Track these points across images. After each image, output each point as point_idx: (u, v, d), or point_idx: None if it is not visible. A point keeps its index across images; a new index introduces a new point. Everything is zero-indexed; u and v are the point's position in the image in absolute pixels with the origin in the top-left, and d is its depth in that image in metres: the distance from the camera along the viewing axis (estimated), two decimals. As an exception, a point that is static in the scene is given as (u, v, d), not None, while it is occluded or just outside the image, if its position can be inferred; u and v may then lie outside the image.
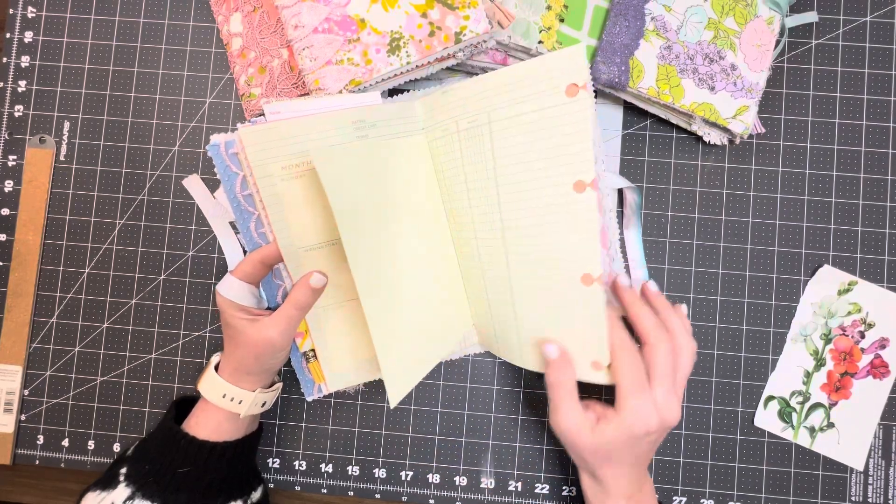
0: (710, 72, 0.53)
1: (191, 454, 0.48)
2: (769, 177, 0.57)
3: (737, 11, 0.53)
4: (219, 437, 0.49)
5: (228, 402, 0.49)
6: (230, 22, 0.56)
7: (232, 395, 0.49)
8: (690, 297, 0.56)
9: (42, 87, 0.59)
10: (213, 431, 0.49)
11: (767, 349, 0.56)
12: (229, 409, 0.49)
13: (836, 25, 0.58)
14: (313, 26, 0.49)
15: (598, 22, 0.53)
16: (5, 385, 0.58)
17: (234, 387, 0.49)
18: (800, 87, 0.57)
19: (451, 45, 0.49)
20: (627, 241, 0.55)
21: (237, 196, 0.49)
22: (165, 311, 0.58)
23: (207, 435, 0.49)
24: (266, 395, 0.51)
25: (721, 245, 0.57)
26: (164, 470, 0.47)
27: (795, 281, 0.56)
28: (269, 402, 0.52)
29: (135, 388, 0.58)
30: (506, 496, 0.56)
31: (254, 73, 0.55)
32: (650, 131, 0.57)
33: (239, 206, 0.49)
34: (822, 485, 0.55)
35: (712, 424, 0.56)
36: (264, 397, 0.50)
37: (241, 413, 0.49)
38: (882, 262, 0.56)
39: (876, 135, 0.57)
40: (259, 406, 0.50)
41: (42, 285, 0.58)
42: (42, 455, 0.58)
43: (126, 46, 0.59)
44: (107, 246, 0.58)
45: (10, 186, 0.59)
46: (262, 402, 0.51)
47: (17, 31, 0.60)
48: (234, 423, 0.50)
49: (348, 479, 0.57)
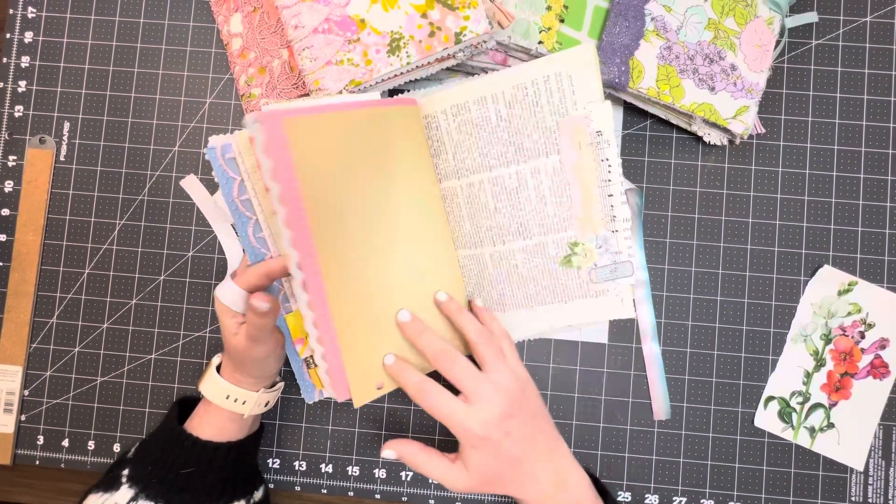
0: (710, 72, 0.53)
1: (194, 455, 0.48)
2: (769, 177, 0.57)
3: (737, 12, 0.53)
4: (222, 438, 0.49)
5: (232, 403, 0.49)
6: (230, 22, 0.56)
7: (235, 395, 0.49)
8: (690, 297, 0.56)
9: (42, 87, 0.59)
10: (217, 432, 0.49)
11: (767, 349, 0.56)
12: (232, 409, 0.49)
13: (836, 26, 0.58)
14: (313, 27, 0.49)
15: (598, 22, 0.53)
16: (5, 385, 0.58)
17: (236, 387, 0.49)
18: (800, 88, 0.57)
19: (451, 46, 0.49)
20: None
21: (234, 200, 0.49)
22: (165, 311, 0.58)
23: (211, 435, 0.48)
24: (269, 394, 0.51)
25: (721, 245, 0.57)
26: (168, 470, 0.47)
27: (795, 281, 0.56)
28: (271, 402, 0.52)
29: (135, 389, 0.58)
30: (505, 496, 0.56)
31: (254, 74, 0.55)
32: (650, 131, 0.57)
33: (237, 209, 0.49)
34: (822, 485, 0.55)
35: (712, 424, 0.56)
36: (267, 397, 0.50)
37: (244, 413, 0.49)
38: (882, 262, 0.56)
39: (876, 135, 0.57)
40: (262, 406, 0.51)
41: (42, 285, 0.58)
42: (42, 455, 0.58)
43: (126, 47, 0.59)
44: (107, 246, 0.58)
45: (10, 187, 0.59)
46: (265, 402, 0.51)
47: (17, 31, 0.60)
48: (237, 424, 0.50)
49: (348, 479, 0.57)
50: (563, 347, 0.56)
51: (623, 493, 0.55)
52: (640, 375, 0.56)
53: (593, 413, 0.56)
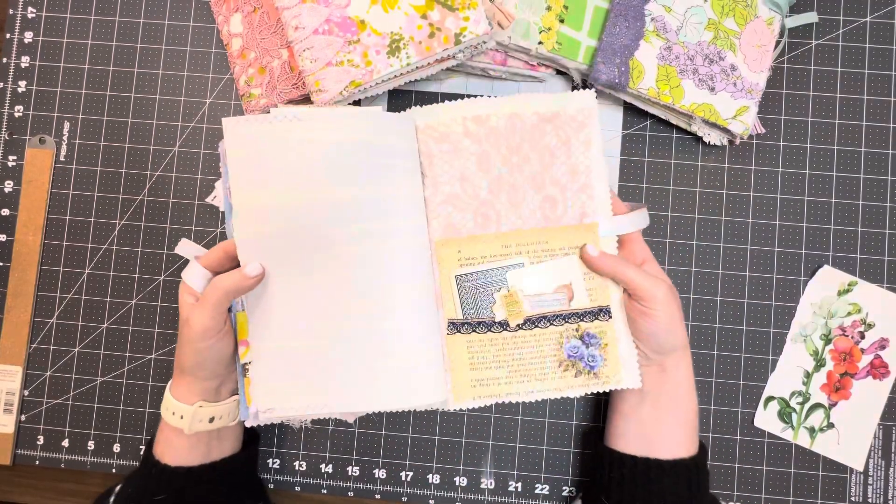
0: (710, 72, 0.53)
1: (163, 481, 0.46)
2: (769, 177, 0.57)
3: (737, 12, 0.53)
4: (191, 461, 0.46)
5: (171, 417, 0.46)
6: (230, 22, 0.56)
7: (174, 408, 0.46)
8: (690, 298, 0.56)
9: (42, 87, 0.59)
10: (183, 455, 0.46)
11: (767, 349, 0.56)
12: (176, 426, 0.46)
13: (836, 26, 0.58)
14: (314, 27, 0.49)
15: (598, 22, 0.53)
16: (5, 385, 0.58)
17: (175, 401, 0.46)
18: (800, 88, 0.57)
19: (451, 47, 0.49)
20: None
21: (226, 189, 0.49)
22: (165, 311, 0.58)
23: (179, 459, 0.46)
24: (214, 408, 0.46)
25: (721, 245, 0.57)
26: (143, 499, 0.46)
27: (795, 281, 0.56)
28: (224, 418, 0.47)
29: (135, 389, 0.58)
30: (506, 496, 0.56)
31: (254, 74, 0.55)
32: (650, 132, 0.57)
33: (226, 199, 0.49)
34: (822, 485, 0.55)
35: (712, 424, 0.56)
36: (210, 411, 0.46)
37: (185, 429, 0.45)
38: (882, 262, 0.56)
39: (876, 135, 0.57)
40: (206, 422, 0.46)
41: (42, 285, 0.58)
42: (42, 455, 0.58)
43: (126, 47, 0.59)
44: (107, 246, 0.58)
45: (10, 187, 0.59)
46: (210, 416, 0.46)
47: (17, 31, 0.60)
48: (204, 445, 0.47)
49: (348, 479, 0.57)
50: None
51: (623, 493, 0.56)
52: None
53: (593, 413, 0.56)
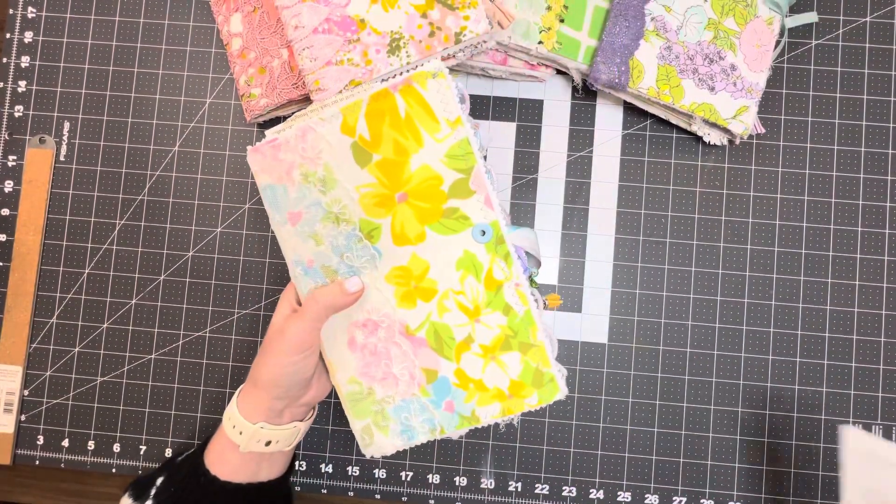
0: (710, 72, 0.53)
1: (210, 493, 0.45)
2: (769, 177, 0.57)
3: (737, 12, 0.53)
4: (240, 477, 0.45)
5: (231, 430, 0.45)
6: (230, 22, 0.56)
7: (235, 422, 0.45)
8: (690, 297, 0.56)
9: (42, 87, 0.59)
10: (234, 470, 0.45)
11: (767, 349, 0.56)
12: (232, 439, 0.45)
13: (836, 26, 0.58)
14: (313, 27, 0.49)
15: (598, 22, 0.53)
16: (5, 385, 0.58)
17: (239, 415, 0.45)
18: (800, 88, 0.57)
19: (451, 46, 0.49)
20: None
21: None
22: (165, 311, 0.58)
23: (228, 474, 0.45)
24: (273, 432, 0.45)
25: (721, 245, 0.57)
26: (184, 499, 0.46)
27: (795, 281, 0.56)
28: (281, 443, 0.46)
29: (135, 389, 0.58)
30: (506, 496, 0.56)
31: (254, 74, 0.55)
32: (650, 131, 0.57)
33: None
34: (822, 485, 0.55)
35: (712, 424, 0.56)
36: (269, 434, 0.45)
37: (240, 447, 0.45)
38: (882, 262, 0.56)
39: (876, 135, 0.57)
40: (262, 444, 0.45)
41: (42, 285, 0.58)
42: (42, 455, 0.58)
43: (126, 46, 0.59)
44: (107, 246, 0.58)
45: (10, 186, 0.59)
46: (267, 440, 0.45)
47: (17, 31, 0.60)
48: (255, 464, 0.46)
49: (348, 479, 0.57)
50: (563, 347, 0.56)
51: (623, 493, 0.56)
52: (640, 375, 0.56)
53: (593, 413, 0.56)
